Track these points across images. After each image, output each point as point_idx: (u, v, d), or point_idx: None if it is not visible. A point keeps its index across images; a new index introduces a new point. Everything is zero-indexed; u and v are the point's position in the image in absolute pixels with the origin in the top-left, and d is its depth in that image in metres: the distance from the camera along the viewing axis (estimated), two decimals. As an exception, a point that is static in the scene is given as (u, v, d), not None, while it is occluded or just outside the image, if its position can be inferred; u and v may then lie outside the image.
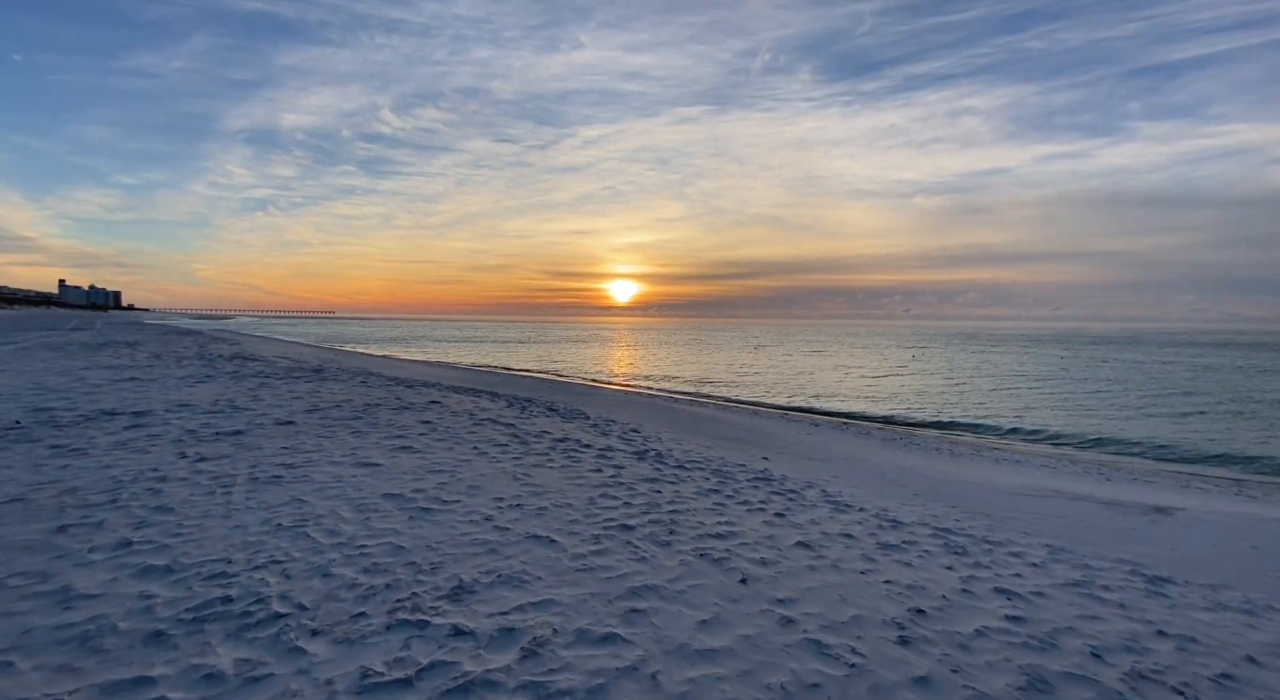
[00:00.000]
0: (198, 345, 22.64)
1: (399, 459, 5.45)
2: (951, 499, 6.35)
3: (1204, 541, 5.13)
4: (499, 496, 4.50)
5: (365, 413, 7.81)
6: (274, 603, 2.62)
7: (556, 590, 2.96)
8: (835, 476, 7.10)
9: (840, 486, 6.47)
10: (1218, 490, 8.05)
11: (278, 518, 3.73)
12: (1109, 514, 5.99)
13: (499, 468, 5.40)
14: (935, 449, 10.50)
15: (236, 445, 5.64)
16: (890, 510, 5.51)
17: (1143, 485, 8.16)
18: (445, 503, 4.24)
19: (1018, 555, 4.42)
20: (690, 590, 3.10)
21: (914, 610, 3.11)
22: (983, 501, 6.29)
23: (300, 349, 29.34)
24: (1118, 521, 5.73)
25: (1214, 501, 7.12)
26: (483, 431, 7.20)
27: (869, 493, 6.31)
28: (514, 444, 6.58)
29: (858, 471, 7.55)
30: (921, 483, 7.11)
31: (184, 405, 7.74)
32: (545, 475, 5.29)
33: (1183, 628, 3.26)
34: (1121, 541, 5.06)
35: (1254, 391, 22.22)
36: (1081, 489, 7.50)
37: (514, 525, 3.87)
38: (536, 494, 4.65)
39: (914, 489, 6.73)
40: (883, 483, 6.95)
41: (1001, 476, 8.15)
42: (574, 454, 6.37)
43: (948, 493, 6.65)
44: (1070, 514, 5.94)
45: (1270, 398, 20.39)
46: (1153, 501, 6.74)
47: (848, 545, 4.15)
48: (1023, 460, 9.85)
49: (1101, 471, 9.11)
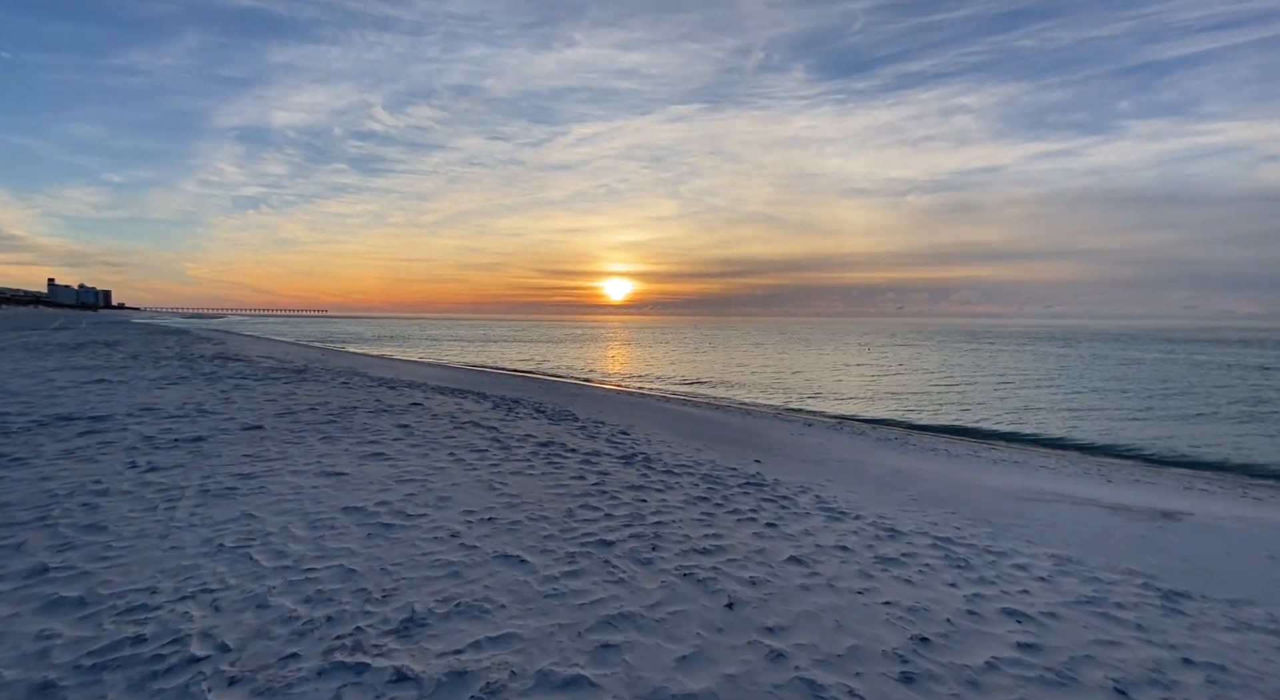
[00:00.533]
0: (180, 345, 22.14)
1: (368, 467, 5.12)
2: (951, 504, 6.08)
3: (1217, 550, 4.88)
4: (470, 509, 4.18)
5: (340, 416, 7.46)
6: (193, 643, 2.30)
7: (521, 621, 2.65)
8: (830, 480, 6.82)
9: (835, 491, 6.20)
10: (1222, 492, 7.84)
11: (221, 537, 3.40)
12: (1115, 520, 5.74)
13: (474, 476, 5.08)
14: (931, 450, 10.26)
15: (194, 453, 5.29)
16: (888, 518, 5.23)
17: (1145, 487, 7.93)
18: (410, 517, 3.92)
19: (1023, 568, 4.15)
20: (670, 618, 2.80)
21: (917, 638, 2.82)
22: (983, 507, 6.02)
23: (288, 348, 28.84)
24: (1125, 528, 5.47)
25: (1221, 505, 6.89)
26: (462, 436, 6.87)
27: (865, 498, 6.03)
28: (494, 449, 6.26)
29: (853, 475, 7.28)
30: (919, 487, 6.84)
31: (148, 409, 7.36)
32: (523, 484, 4.98)
33: (1209, 654, 2.99)
34: (1131, 551, 4.80)
35: (1252, 390, 22.19)
36: (1084, 492, 7.25)
37: (482, 543, 3.56)
38: (512, 505, 4.33)
39: (912, 493, 6.46)
40: (879, 487, 6.68)
41: (1001, 479, 7.90)
42: (557, 460, 6.06)
43: (947, 497, 6.39)
44: (1074, 520, 5.68)
45: (1268, 396, 20.34)
46: (1158, 505, 6.50)
47: (843, 560, 3.86)
48: (1022, 461, 9.62)
49: (1102, 473, 8.88)
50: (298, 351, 25.96)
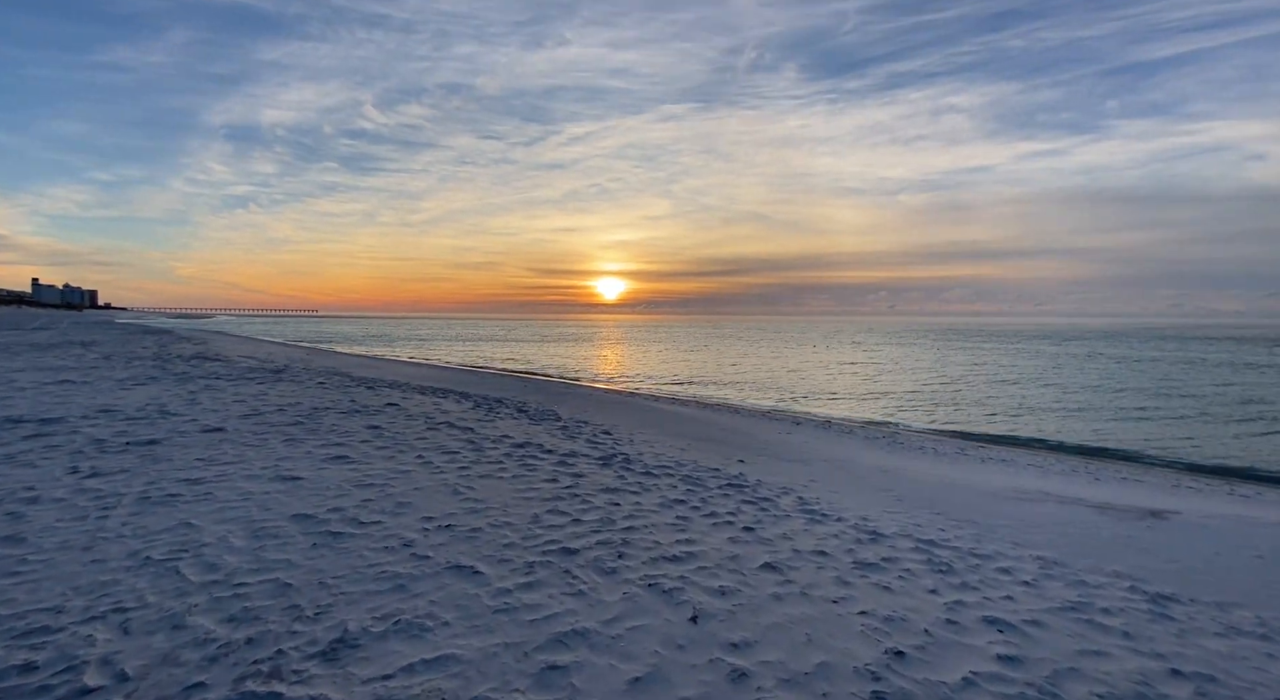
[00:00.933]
0: (159, 345, 21.66)
1: (327, 471, 4.88)
2: (936, 505, 5.93)
3: (1204, 550, 4.75)
4: (429, 515, 3.96)
5: (309, 417, 7.20)
6: (89, 672, 2.07)
7: (463, 641, 2.44)
8: (814, 481, 6.66)
9: (818, 492, 6.03)
10: (1209, 490, 7.76)
11: (150, 548, 3.16)
12: (1102, 520, 5.61)
13: (440, 480, 4.86)
14: (919, 448, 10.14)
15: (144, 457, 5.03)
16: (870, 519, 5.07)
17: (1133, 486, 7.84)
18: (362, 525, 3.69)
19: (1007, 572, 3.99)
20: (628, 634, 2.60)
21: (892, 652, 2.64)
22: (969, 507, 5.88)
23: (272, 348, 28.37)
24: (1111, 528, 5.35)
25: (1208, 503, 6.80)
26: (435, 437, 6.64)
27: (849, 499, 5.87)
28: (466, 451, 6.03)
29: (838, 475, 7.12)
30: (905, 486, 6.69)
31: (106, 411, 7.06)
32: (491, 488, 4.76)
33: (1198, 662, 2.83)
34: (1117, 551, 4.66)
35: (1239, 388, 22.35)
36: (1071, 491, 7.14)
37: (436, 552, 3.34)
38: (475, 511, 4.11)
39: (897, 494, 6.31)
40: (864, 487, 6.52)
41: (988, 478, 7.78)
42: (531, 462, 5.84)
43: (932, 497, 6.24)
44: (1061, 520, 5.55)
45: (1252, 394, 20.48)
46: (1145, 504, 6.39)
47: (820, 566, 3.68)
48: (1009, 460, 9.52)
49: (1089, 471, 8.79)
50: (282, 351, 25.51)
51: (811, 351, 42.80)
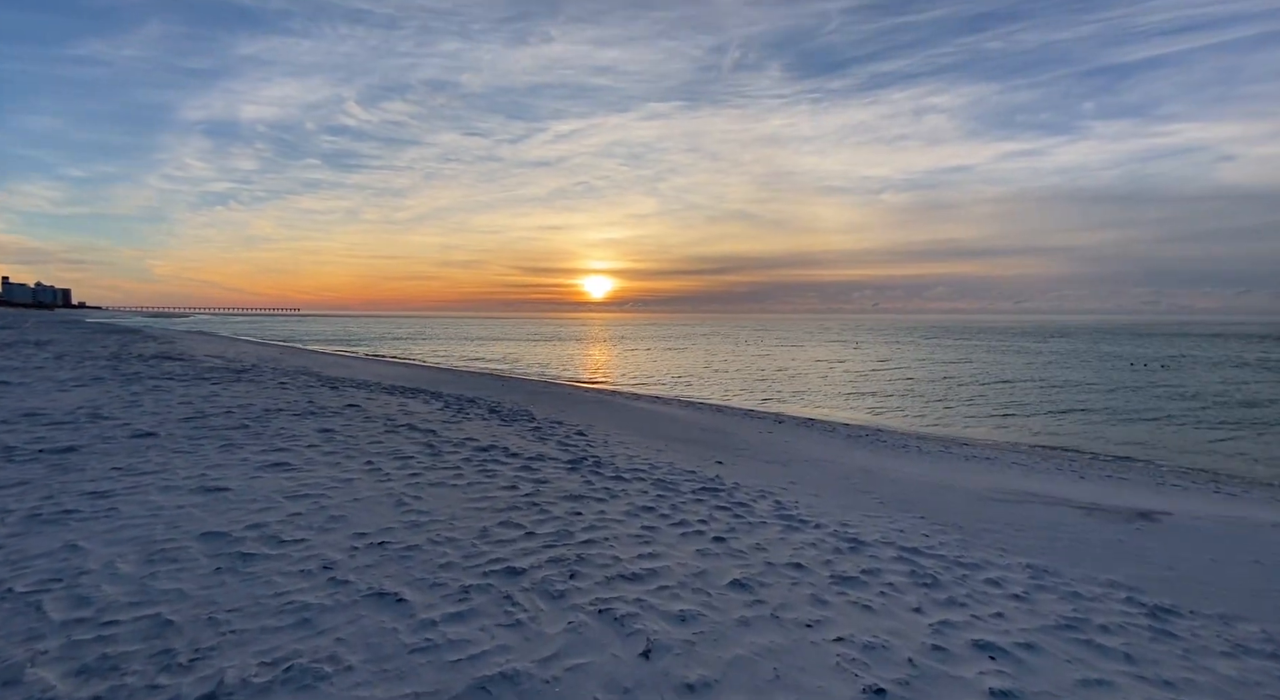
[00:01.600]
0: (120, 344, 20.73)
1: (259, 481, 4.42)
2: (920, 507, 5.65)
3: (1200, 556, 4.51)
4: (363, 531, 3.53)
5: (258, 420, 6.70)
6: None
7: (365, 691, 2.04)
8: (794, 483, 6.34)
9: (798, 495, 5.71)
10: (1195, 488, 7.60)
11: (18, 578, 2.71)
12: (1091, 522, 5.36)
13: (386, 489, 4.43)
14: (903, 447, 9.91)
15: (52, 467, 4.52)
16: (851, 525, 4.75)
17: (1118, 484, 7.65)
18: (282, 544, 3.26)
19: (997, 584, 3.69)
20: (567, 676, 2.22)
21: (871, 690, 2.30)
22: (954, 509, 5.60)
23: (245, 347, 27.46)
24: (1101, 531, 5.10)
25: (1196, 502, 6.62)
26: (392, 441, 6.19)
27: (830, 502, 5.56)
28: (422, 456, 5.60)
29: (819, 476, 6.82)
30: (888, 488, 6.40)
31: (32, 414, 6.49)
32: (441, 497, 4.34)
33: (1209, 691, 2.54)
34: (1110, 558, 4.40)
35: (1224, 386, 22.63)
36: (1057, 490, 6.92)
37: (359, 576, 2.93)
38: (416, 525, 3.70)
39: (880, 496, 6.02)
40: (846, 489, 6.22)
41: (972, 477, 7.54)
42: (492, 467, 5.43)
43: (916, 499, 5.96)
44: (1049, 522, 5.29)
45: (1238, 393, 20.72)
46: (1134, 504, 6.17)
47: (795, 582, 3.34)
48: (993, 457, 9.32)
49: (1073, 468, 8.61)
50: (253, 350, 24.67)
51: (802, 350, 42.82)
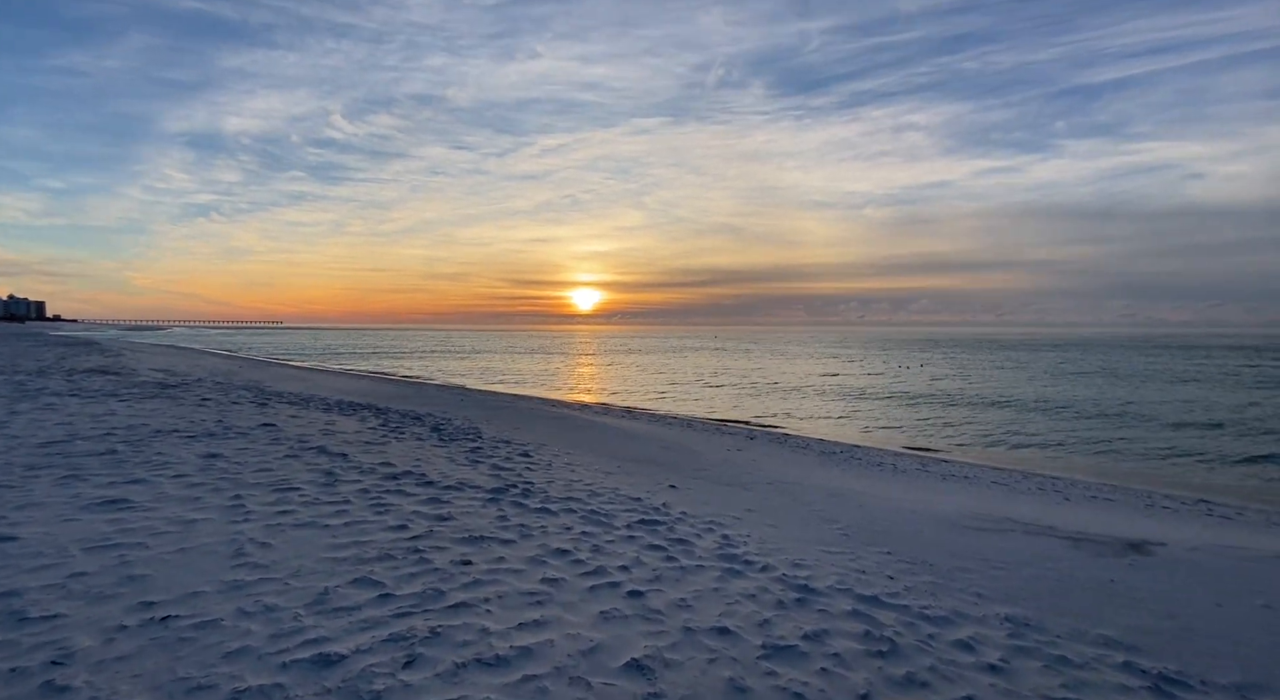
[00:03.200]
0: (58, 357, 19.55)
1: (69, 525, 3.61)
2: (888, 539, 4.99)
3: (1202, 600, 3.89)
4: (155, 599, 2.74)
5: (135, 445, 5.86)
6: None
7: None
8: (751, 511, 5.65)
9: (751, 527, 5.02)
10: (1186, 510, 7.05)
11: None
12: (1078, 556, 4.73)
13: (231, 534, 3.64)
14: (878, 465, 9.28)
15: None
16: (805, 565, 4.07)
17: (1105, 507, 7.07)
18: (23, 623, 2.47)
19: (969, 648, 3.02)
20: None
21: None
22: (926, 542, 4.95)
23: (204, 361, 26.29)
24: (1090, 567, 4.46)
25: (1189, 528, 6.04)
26: (286, 468, 5.40)
27: (786, 535, 4.88)
28: (311, 487, 4.82)
29: (781, 501, 6.14)
30: (855, 515, 5.74)
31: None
32: (301, 543, 3.58)
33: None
34: (1100, 604, 3.76)
35: (1205, 397, 22.47)
36: (1040, 516, 6.30)
37: (96, 676, 2.15)
38: (237, 588, 2.92)
39: (845, 525, 5.35)
40: (808, 518, 5.54)
41: (949, 500, 6.91)
42: (390, 500, 4.67)
43: (885, 529, 5.29)
44: (1031, 558, 4.65)
45: (1229, 406, 20.55)
46: (1123, 533, 5.57)
47: (713, 658, 2.63)
48: (972, 476, 8.72)
49: (1057, 489, 8.04)
50: (210, 364, 23.55)
51: (789, 362, 42.47)
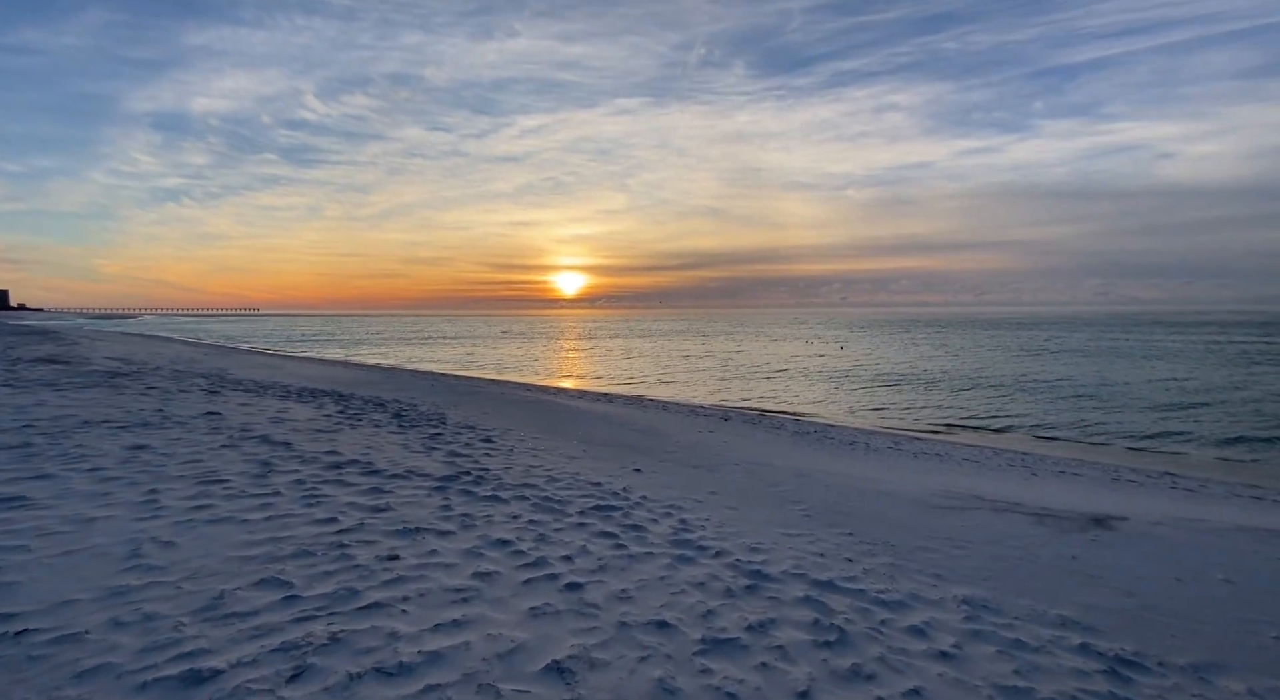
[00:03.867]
0: (5, 346, 18.64)
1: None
2: (852, 519, 4.86)
3: (1162, 574, 3.81)
4: (16, 611, 2.43)
5: (55, 437, 5.45)
6: None
7: None
8: (714, 493, 5.48)
9: (712, 510, 4.85)
10: (1151, 483, 7.07)
11: None
12: (1041, 532, 4.65)
13: (133, 531, 3.33)
14: (850, 444, 9.21)
15: None
16: (761, 549, 3.91)
17: (1071, 481, 7.06)
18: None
19: (921, 634, 2.87)
20: None
21: None
22: (890, 522, 4.83)
23: (166, 349, 25.36)
24: (1052, 545, 4.38)
25: (1153, 501, 6.03)
26: (220, 458, 5.07)
27: (747, 517, 4.71)
28: (242, 479, 4.51)
29: (746, 483, 5.98)
30: (820, 495, 5.60)
31: None
32: (210, 540, 3.28)
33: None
34: (1060, 582, 3.66)
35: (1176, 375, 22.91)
36: (1007, 491, 6.25)
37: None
38: (119, 594, 2.63)
39: (808, 506, 5.21)
40: (771, 499, 5.39)
41: (918, 478, 6.83)
42: (327, 491, 4.39)
43: (849, 509, 5.17)
44: (996, 535, 4.55)
45: (1186, 383, 20.95)
46: (1087, 507, 5.52)
47: (645, 656, 2.43)
48: (944, 454, 8.69)
49: (1026, 464, 8.03)
50: (176, 351, 22.72)
51: (775, 344, 42.55)
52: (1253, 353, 29.65)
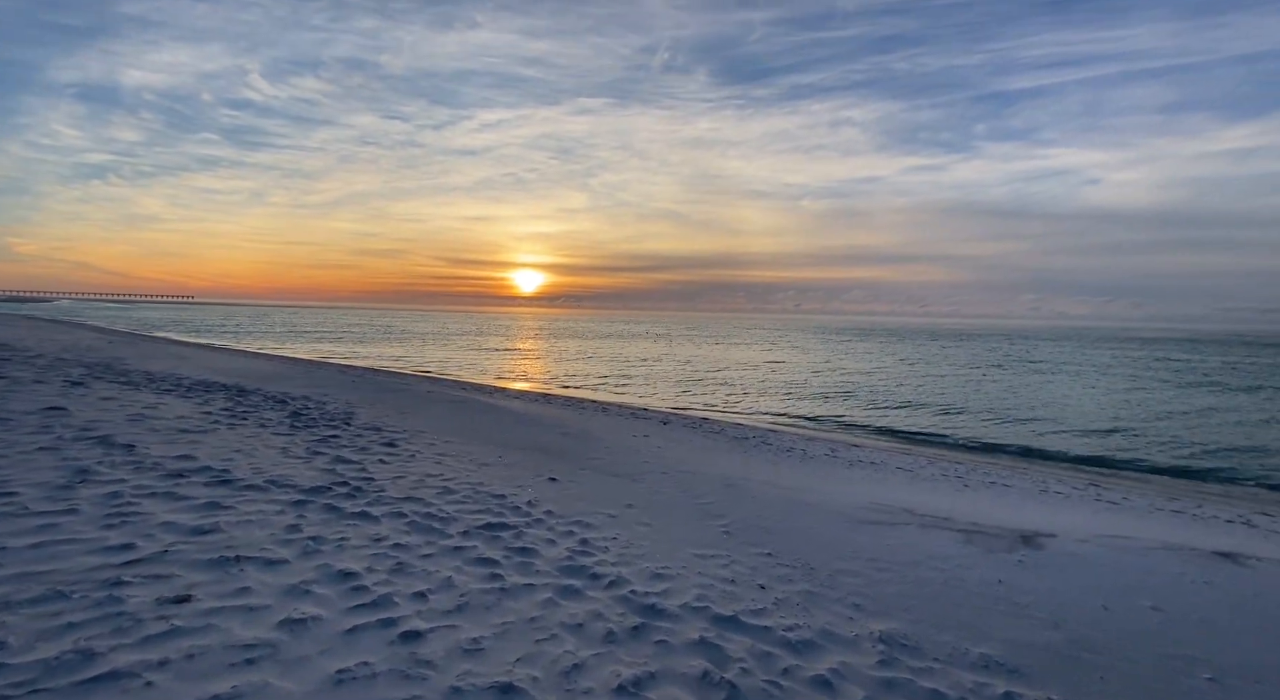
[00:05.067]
0: None
1: None
2: (773, 537, 4.44)
3: (1091, 602, 3.54)
4: None
5: None
6: None
7: None
8: (631, 506, 4.96)
9: (621, 528, 4.32)
10: (1077, 496, 7.06)
11: None
12: (969, 553, 4.36)
13: None
14: (788, 450, 8.91)
15: None
16: (665, 578, 3.40)
17: (1001, 493, 6.95)
18: None
19: (828, 686, 2.43)
20: None
21: None
22: (812, 541, 4.43)
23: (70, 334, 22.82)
24: (980, 567, 4.08)
25: (1080, 516, 5.94)
26: (20, 466, 4.14)
27: (659, 536, 4.21)
28: (34, 491, 3.63)
29: (670, 494, 5.49)
30: (745, 509, 5.17)
31: None
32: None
33: None
34: (986, 612, 3.33)
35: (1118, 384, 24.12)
36: (938, 504, 6.02)
37: None
38: None
39: (729, 522, 4.76)
40: (692, 513, 4.92)
41: (850, 489, 6.54)
42: (146, 506, 3.59)
43: (773, 525, 4.75)
44: (920, 557, 4.23)
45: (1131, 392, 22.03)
46: (1016, 523, 5.32)
47: (468, 740, 1.85)
48: (879, 462, 8.51)
49: (958, 474, 7.93)
50: (73, 338, 20.40)
51: (733, 349, 42.71)
52: (1178, 366, 31.94)
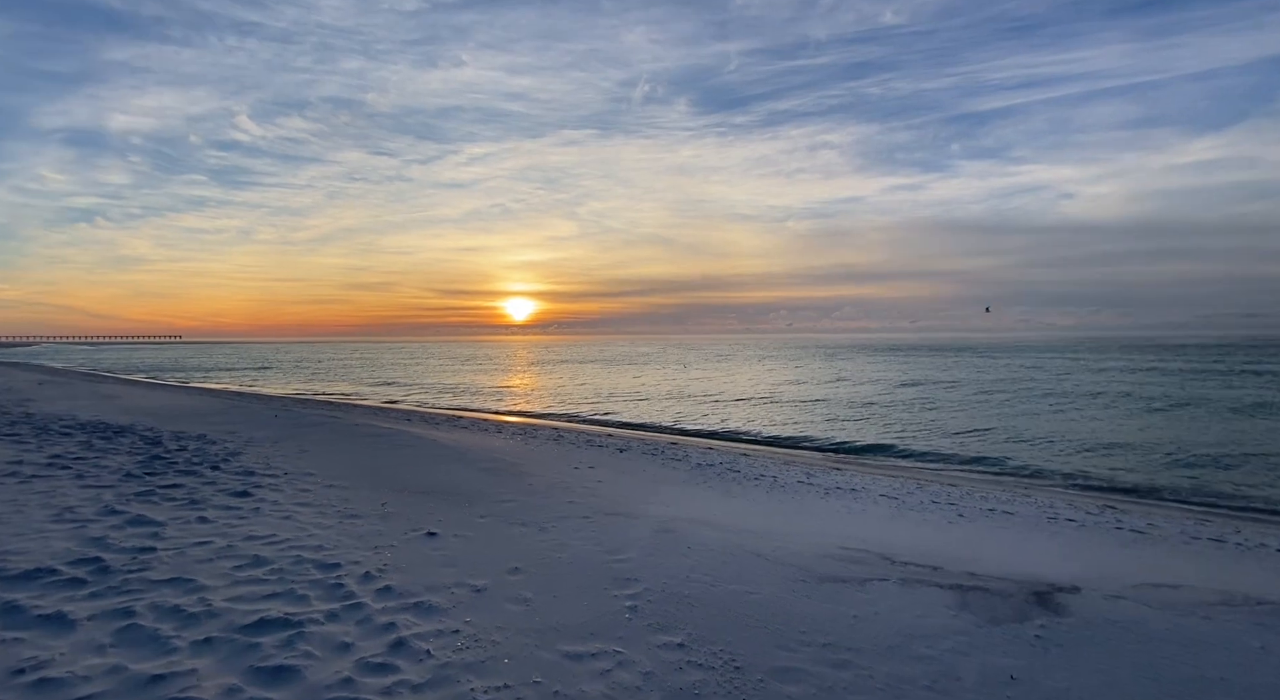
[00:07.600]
0: None
1: None
2: (695, 612, 3.18)
3: None
4: None
5: None
6: None
7: None
8: (516, 571, 3.70)
9: (475, 612, 3.07)
10: (1092, 522, 5.79)
11: None
12: (964, 625, 3.10)
13: None
14: (757, 478, 7.64)
15: None
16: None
17: (1002, 522, 5.69)
18: None
19: None
20: None
21: None
22: (747, 617, 3.17)
23: (9, 376, 21.44)
24: (981, 652, 2.82)
25: (1101, 550, 4.67)
26: None
27: (521, 624, 2.95)
28: None
29: (577, 550, 4.22)
30: (668, 568, 3.90)
31: None
32: None
33: None
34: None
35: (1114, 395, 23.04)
36: (925, 544, 4.76)
37: None
38: None
39: (639, 592, 3.49)
40: (594, 579, 3.65)
41: (819, 526, 5.27)
42: None
43: (697, 593, 3.48)
44: (899, 631, 2.97)
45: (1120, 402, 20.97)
46: (1026, 570, 4.06)
47: None
48: (861, 488, 7.24)
49: (952, 500, 6.67)
50: (16, 380, 19.06)
51: (726, 367, 41.60)
52: (1168, 369, 30.95)
